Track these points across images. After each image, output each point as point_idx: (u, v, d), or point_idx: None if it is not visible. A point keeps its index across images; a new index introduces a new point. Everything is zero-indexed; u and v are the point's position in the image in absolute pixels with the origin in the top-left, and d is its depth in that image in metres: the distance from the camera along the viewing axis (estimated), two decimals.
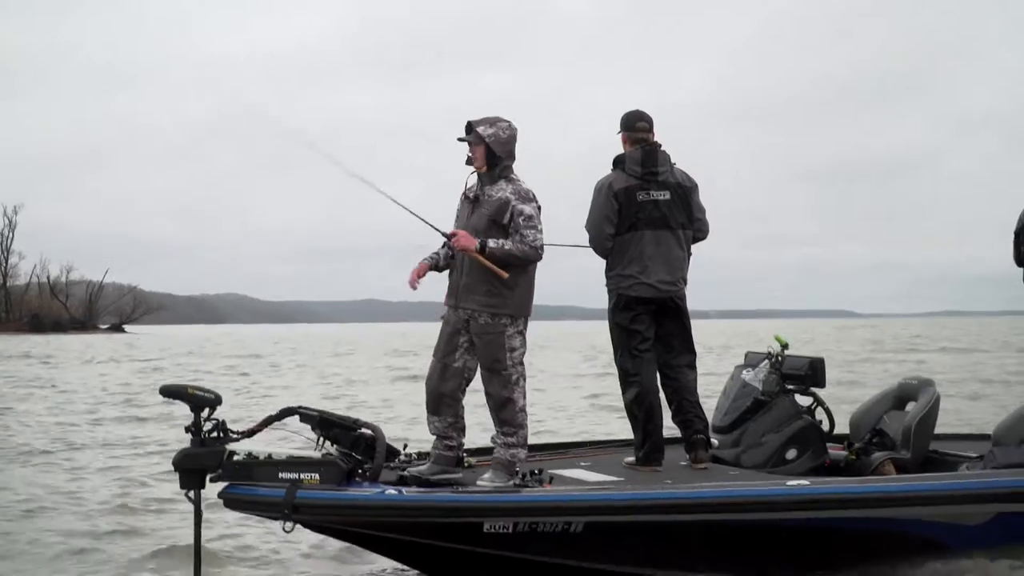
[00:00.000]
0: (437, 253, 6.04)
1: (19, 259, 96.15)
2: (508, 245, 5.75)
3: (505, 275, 5.72)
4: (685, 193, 6.32)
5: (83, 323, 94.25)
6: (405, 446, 5.96)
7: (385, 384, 23.51)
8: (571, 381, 23.43)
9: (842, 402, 8.91)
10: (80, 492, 9.32)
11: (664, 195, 6.24)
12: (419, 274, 5.95)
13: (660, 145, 6.33)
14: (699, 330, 6.55)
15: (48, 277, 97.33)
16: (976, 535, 5.62)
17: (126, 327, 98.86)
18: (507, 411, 5.81)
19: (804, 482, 5.73)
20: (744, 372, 6.63)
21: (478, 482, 5.77)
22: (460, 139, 5.96)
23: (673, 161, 6.35)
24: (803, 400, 6.64)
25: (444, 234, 5.83)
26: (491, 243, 5.73)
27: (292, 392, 20.51)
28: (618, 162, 6.34)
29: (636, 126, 6.36)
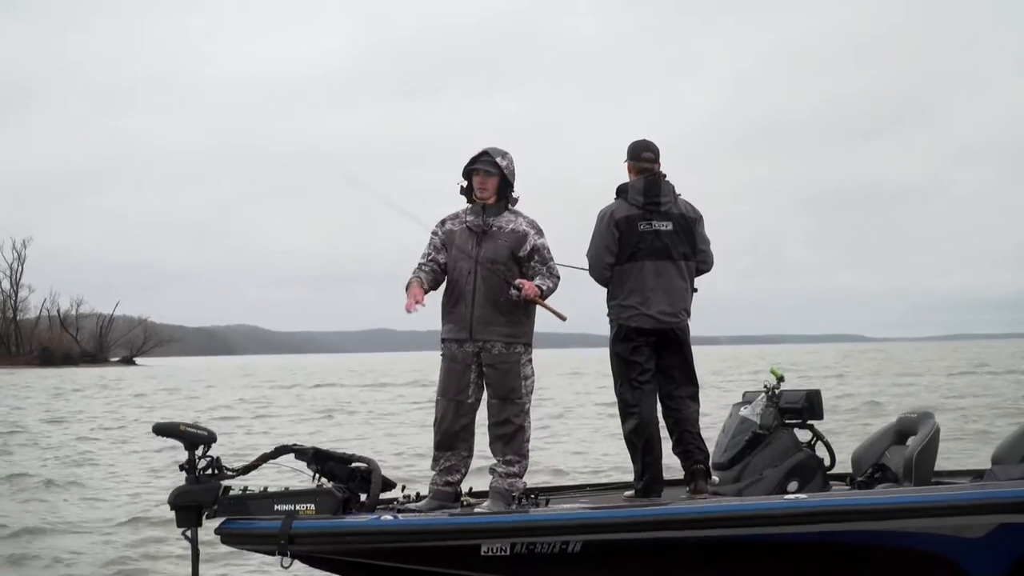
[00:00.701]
0: (419, 277, 5.87)
1: (29, 292, 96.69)
2: (549, 282, 5.86)
3: (565, 317, 5.87)
4: (688, 224, 6.25)
5: (93, 356, 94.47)
6: (403, 487, 5.89)
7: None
8: (589, 411, 23.27)
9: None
10: (89, 521, 9.29)
11: (666, 225, 6.17)
12: (417, 299, 5.79)
13: (665, 175, 6.28)
14: (710, 356, 6.49)
15: (58, 310, 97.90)
16: (978, 547, 5.54)
17: (137, 359, 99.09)
18: (516, 440, 5.78)
19: (802, 495, 5.72)
20: (742, 409, 6.61)
21: (475, 510, 5.70)
22: (472, 167, 5.89)
23: (678, 192, 6.30)
24: (803, 436, 6.60)
25: (513, 285, 5.73)
26: (540, 285, 5.79)
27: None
28: (621, 191, 6.30)
29: (642, 156, 6.31)
